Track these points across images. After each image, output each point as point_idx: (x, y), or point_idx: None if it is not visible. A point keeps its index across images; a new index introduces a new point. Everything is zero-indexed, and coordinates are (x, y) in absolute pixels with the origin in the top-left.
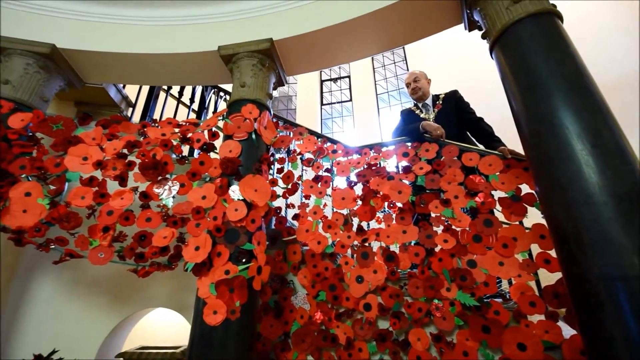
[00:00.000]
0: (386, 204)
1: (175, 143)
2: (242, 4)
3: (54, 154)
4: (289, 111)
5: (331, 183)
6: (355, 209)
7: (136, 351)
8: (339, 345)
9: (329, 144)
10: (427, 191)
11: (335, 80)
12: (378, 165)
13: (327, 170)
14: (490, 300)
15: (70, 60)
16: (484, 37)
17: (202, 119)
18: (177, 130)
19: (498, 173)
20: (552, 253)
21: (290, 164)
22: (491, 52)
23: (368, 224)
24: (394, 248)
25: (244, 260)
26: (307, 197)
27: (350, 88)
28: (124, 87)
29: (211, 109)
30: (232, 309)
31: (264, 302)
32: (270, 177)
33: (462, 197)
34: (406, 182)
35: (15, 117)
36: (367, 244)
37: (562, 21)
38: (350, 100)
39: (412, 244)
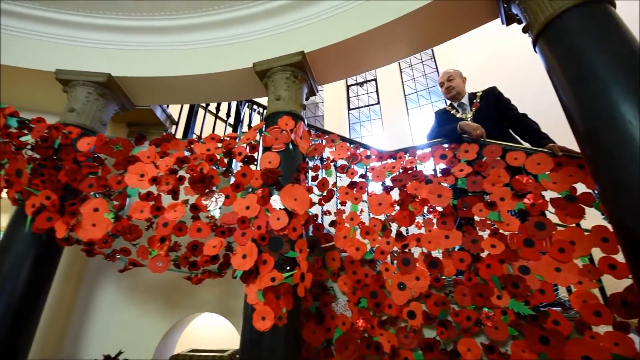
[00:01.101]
0: (425, 208)
1: (219, 157)
2: (274, 21)
3: (116, 172)
4: (316, 118)
5: (366, 189)
6: (393, 214)
7: (187, 354)
8: (384, 354)
9: (361, 149)
10: (469, 194)
11: (361, 84)
12: (414, 169)
13: (361, 176)
14: (548, 309)
15: (123, 87)
16: (525, 30)
17: (238, 131)
18: (219, 145)
19: (548, 172)
20: (618, 257)
21: (324, 171)
22: (534, 45)
23: (407, 230)
24: (437, 254)
25: (287, 267)
26: (343, 203)
27: (377, 91)
28: (167, 106)
29: (246, 121)
30: (280, 315)
31: (305, 309)
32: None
33: (509, 199)
34: (445, 185)
35: (82, 141)
36: (407, 250)
37: (614, 7)
38: (378, 103)
39: (456, 249)
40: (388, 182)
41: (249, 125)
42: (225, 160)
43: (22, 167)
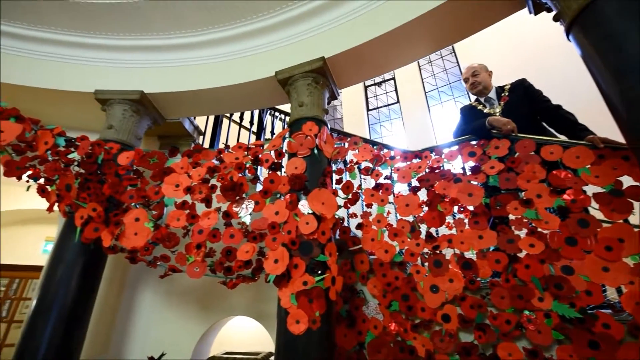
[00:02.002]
0: (456, 208)
1: (247, 165)
2: (294, 29)
3: (153, 183)
4: (335, 120)
5: (392, 190)
6: (421, 215)
7: (223, 356)
8: (419, 358)
9: (385, 150)
10: (503, 192)
11: (379, 84)
12: (441, 168)
13: (387, 177)
14: (596, 311)
15: (154, 102)
16: (556, 19)
17: (262, 138)
18: (247, 153)
19: (589, 165)
20: None
21: (348, 174)
22: (567, 33)
23: (437, 231)
24: (470, 255)
25: (319, 271)
26: (369, 205)
27: (396, 90)
28: (194, 118)
29: (268, 128)
30: (313, 319)
31: (335, 312)
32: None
33: (547, 196)
34: (476, 183)
35: (122, 155)
36: (438, 252)
37: None
38: (398, 102)
39: (491, 249)
40: (415, 183)
41: (272, 132)
42: (254, 168)
43: (71, 182)
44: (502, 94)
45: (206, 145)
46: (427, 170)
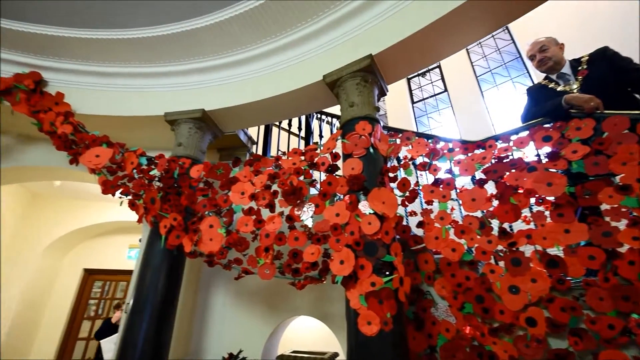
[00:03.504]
0: (533, 200)
1: (304, 169)
2: (339, 30)
3: (222, 192)
4: (379, 117)
5: (455, 185)
6: (491, 209)
7: (291, 355)
8: None
9: (442, 143)
10: (591, 178)
11: (423, 74)
12: (510, 157)
13: (447, 171)
14: None
15: (214, 118)
16: None
17: (311, 142)
18: (303, 157)
19: None
20: None
21: (402, 170)
22: None
23: (511, 226)
24: (556, 252)
25: (386, 272)
26: (429, 202)
27: (442, 78)
28: (247, 129)
29: (316, 132)
30: (385, 320)
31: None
32: None
33: None
34: (556, 171)
35: (193, 169)
36: (515, 249)
37: None
38: (445, 90)
39: (582, 244)
40: (480, 175)
41: (320, 136)
42: (311, 172)
43: (155, 196)
44: (579, 68)
45: (259, 153)
46: (494, 161)
